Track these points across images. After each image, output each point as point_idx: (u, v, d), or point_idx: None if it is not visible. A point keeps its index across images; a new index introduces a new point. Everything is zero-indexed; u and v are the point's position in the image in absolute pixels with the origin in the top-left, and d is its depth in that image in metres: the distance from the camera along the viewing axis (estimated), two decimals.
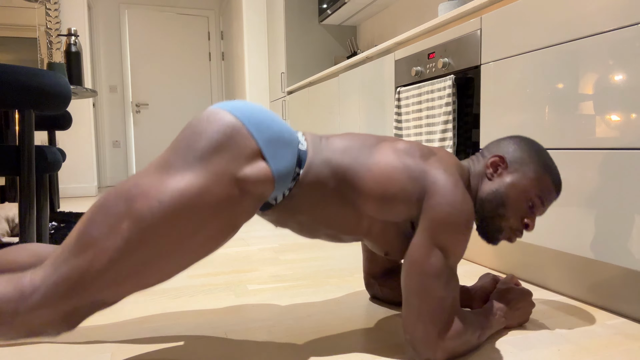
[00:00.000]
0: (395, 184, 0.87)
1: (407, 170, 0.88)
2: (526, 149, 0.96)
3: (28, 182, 1.58)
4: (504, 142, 0.99)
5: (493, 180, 0.95)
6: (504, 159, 0.95)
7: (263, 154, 0.81)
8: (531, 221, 0.94)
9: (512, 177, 0.94)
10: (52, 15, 4.03)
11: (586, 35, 1.09)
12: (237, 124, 0.80)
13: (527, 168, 0.94)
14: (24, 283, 0.72)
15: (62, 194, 4.19)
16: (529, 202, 0.93)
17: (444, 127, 1.60)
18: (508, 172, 0.95)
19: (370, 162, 0.89)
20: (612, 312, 1.10)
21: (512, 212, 0.94)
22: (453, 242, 0.83)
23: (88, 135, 4.20)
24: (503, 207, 0.93)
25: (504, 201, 0.93)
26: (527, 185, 0.93)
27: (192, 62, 5.76)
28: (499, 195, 0.94)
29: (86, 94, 2.98)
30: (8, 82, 1.48)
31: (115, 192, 0.75)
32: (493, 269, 1.50)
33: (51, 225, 2.46)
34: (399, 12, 3.14)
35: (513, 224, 0.95)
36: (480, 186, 0.97)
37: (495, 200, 0.94)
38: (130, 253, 0.72)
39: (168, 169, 0.76)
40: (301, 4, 3.79)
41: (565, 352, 0.89)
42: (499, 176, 0.95)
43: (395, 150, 0.91)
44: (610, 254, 1.05)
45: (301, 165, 0.87)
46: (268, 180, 0.81)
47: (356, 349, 0.92)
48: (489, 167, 0.96)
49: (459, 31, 1.55)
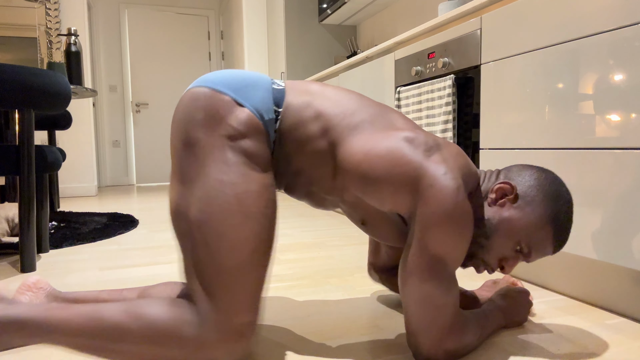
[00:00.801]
0: (383, 171, 0.80)
1: (402, 162, 0.80)
2: (545, 189, 0.84)
3: (28, 182, 1.58)
4: (527, 172, 0.88)
5: (491, 207, 0.87)
6: (513, 189, 0.85)
7: (237, 101, 0.81)
8: (509, 266, 0.87)
9: (511, 212, 0.84)
10: (52, 15, 4.03)
11: (586, 35, 1.09)
12: (204, 90, 0.81)
13: (533, 210, 0.84)
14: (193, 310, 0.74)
15: (62, 193, 4.19)
16: (516, 245, 0.85)
17: (444, 126, 1.60)
18: (511, 205, 0.85)
19: (364, 137, 0.83)
20: (612, 312, 1.10)
21: (494, 248, 0.86)
22: (451, 251, 0.78)
23: (88, 135, 4.20)
24: (486, 238, 0.86)
25: (490, 234, 0.85)
26: (523, 228, 0.84)
27: (192, 62, 5.76)
28: (488, 226, 0.85)
29: (86, 93, 2.98)
30: (8, 82, 1.48)
31: (174, 216, 0.79)
32: None
33: (51, 225, 2.46)
34: (399, 12, 3.13)
35: (488, 260, 0.88)
36: (477, 205, 0.88)
37: (482, 229, 0.86)
38: (209, 257, 0.74)
39: (183, 176, 0.79)
40: (301, 4, 3.79)
41: (565, 352, 0.89)
42: (499, 205, 0.86)
43: (397, 132, 0.84)
44: (610, 254, 1.05)
45: (279, 105, 0.84)
46: (250, 118, 0.80)
47: (356, 349, 0.92)
48: (494, 192, 0.86)
49: (459, 31, 1.55)
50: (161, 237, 2.15)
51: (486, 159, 1.44)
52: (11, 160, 1.57)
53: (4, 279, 1.49)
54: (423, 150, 0.81)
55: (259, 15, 4.37)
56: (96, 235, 2.18)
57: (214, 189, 0.75)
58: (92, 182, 4.25)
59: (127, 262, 1.69)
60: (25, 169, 1.58)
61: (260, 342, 0.96)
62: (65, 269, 1.61)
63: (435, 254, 0.78)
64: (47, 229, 1.85)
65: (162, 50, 5.63)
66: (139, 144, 5.61)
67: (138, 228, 2.45)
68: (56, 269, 1.61)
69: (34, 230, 1.59)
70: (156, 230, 2.36)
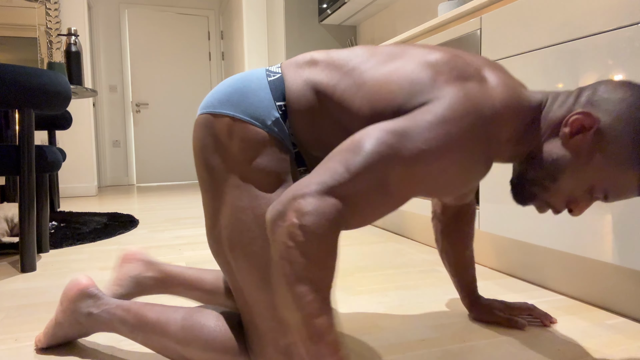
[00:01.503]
0: (386, 97, 0.68)
1: (410, 83, 0.67)
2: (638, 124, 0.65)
3: (28, 182, 1.58)
4: (618, 94, 0.66)
5: (564, 143, 0.69)
6: (595, 123, 0.66)
7: (236, 117, 0.75)
8: (578, 209, 0.72)
9: (590, 153, 0.67)
10: (52, 15, 4.03)
11: (586, 35, 1.09)
12: (206, 117, 0.78)
13: (619, 151, 0.65)
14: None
15: (62, 193, 4.19)
16: (590, 190, 0.69)
17: None
18: (590, 142, 0.67)
19: (369, 74, 0.72)
20: (612, 312, 1.10)
21: (561, 191, 0.71)
22: (427, 149, 0.62)
23: (88, 135, 4.20)
24: (552, 181, 0.70)
25: (557, 176, 0.69)
26: (603, 173, 0.67)
27: (192, 62, 5.76)
28: (556, 166, 0.69)
29: (86, 93, 2.98)
30: (8, 82, 1.48)
31: (209, 238, 0.81)
32: (493, 268, 1.50)
33: (51, 225, 2.46)
34: (399, 12, 3.14)
35: (553, 202, 0.73)
36: (545, 137, 0.71)
37: (548, 169, 0.70)
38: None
39: (209, 202, 0.80)
40: (301, 4, 3.79)
41: (565, 352, 0.89)
42: (574, 142, 0.68)
43: (420, 59, 0.71)
44: (610, 254, 1.05)
45: (282, 97, 0.76)
46: (252, 131, 0.74)
47: (356, 349, 0.92)
48: (568, 125, 0.68)
49: (459, 31, 1.55)
50: (161, 237, 2.15)
51: None
52: (11, 160, 1.57)
53: (4, 279, 1.49)
54: (450, 75, 0.67)
55: (259, 15, 4.37)
56: (96, 235, 2.18)
57: (233, 216, 0.74)
58: (92, 182, 4.25)
59: None
60: (25, 169, 1.58)
61: None
62: (65, 268, 1.61)
63: (399, 133, 0.63)
64: (47, 229, 1.85)
65: (162, 50, 5.63)
66: (139, 144, 5.61)
67: (138, 228, 2.45)
68: (56, 268, 1.61)
69: (34, 230, 1.60)
70: (156, 230, 2.36)
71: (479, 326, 1.02)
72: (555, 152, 0.70)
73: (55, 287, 1.38)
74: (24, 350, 0.94)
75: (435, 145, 0.63)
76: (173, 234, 2.23)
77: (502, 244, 1.46)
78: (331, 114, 0.74)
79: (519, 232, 1.32)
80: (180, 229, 2.36)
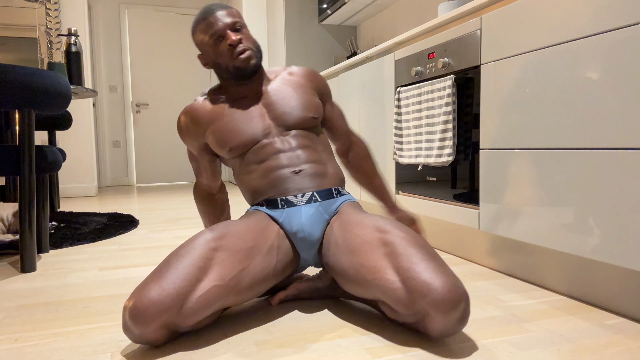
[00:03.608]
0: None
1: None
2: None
3: (28, 182, 1.58)
4: None
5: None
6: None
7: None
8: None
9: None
10: (52, 15, 4.04)
11: (586, 35, 1.09)
12: None
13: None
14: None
15: (62, 193, 4.19)
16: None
17: (444, 127, 1.60)
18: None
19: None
20: (612, 312, 1.10)
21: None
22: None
23: (88, 135, 4.21)
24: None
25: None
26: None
27: (192, 62, 5.76)
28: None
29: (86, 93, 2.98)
30: (8, 82, 1.48)
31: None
32: (493, 268, 1.50)
33: (51, 225, 2.46)
34: (399, 12, 3.14)
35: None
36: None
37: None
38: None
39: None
40: (301, 4, 3.79)
41: (565, 352, 0.89)
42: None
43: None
44: (610, 254, 1.05)
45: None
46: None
47: (356, 349, 0.92)
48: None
49: (459, 31, 1.55)
50: (161, 237, 2.15)
51: (486, 159, 1.44)
52: (11, 160, 1.57)
53: (4, 279, 1.49)
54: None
55: (259, 16, 4.37)
56: (96, 235, 2.18)
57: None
58: (92, 182, 4.25)
59: (127, 262, 1.69)
60: (26, 169, 1.58)
61: (260, 343, 0.96)
62: (65, 269, 1.61)
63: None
64: (47, 229, 1.85)
65: (162, 50, 5.63)
66: (139, 144, 5.61)
67: (138, 228, 2.45)
68: (56, 269, 1.61)
69: (34, 230, 1.60)
70: (156, 230, 2.36)
71: (479, 326, 1.02)
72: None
73: (55, 287, 1.38)
74: (24, 350, 0.94)
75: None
76: (173, 234, 2.23)
77: (502, 244, 1.46)
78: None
79: (518, 232, 1.32)
80: (180, 229, 2.36)
